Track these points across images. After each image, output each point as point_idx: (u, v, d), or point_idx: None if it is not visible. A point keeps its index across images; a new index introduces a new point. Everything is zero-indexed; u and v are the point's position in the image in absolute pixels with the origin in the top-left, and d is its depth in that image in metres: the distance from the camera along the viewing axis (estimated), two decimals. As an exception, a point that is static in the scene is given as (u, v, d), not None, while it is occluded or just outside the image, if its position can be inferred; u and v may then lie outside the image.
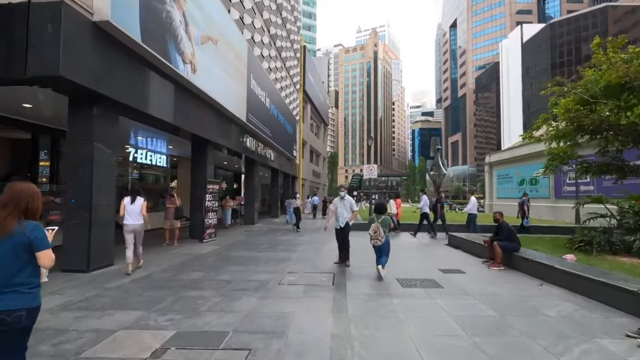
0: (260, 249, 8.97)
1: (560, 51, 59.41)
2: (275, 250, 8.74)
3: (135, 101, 6.95)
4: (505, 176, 26.98)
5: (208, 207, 10.49)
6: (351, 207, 6.97)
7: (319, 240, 10.87)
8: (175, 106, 8.65)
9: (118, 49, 6.39)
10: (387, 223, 5.87)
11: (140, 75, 7.15)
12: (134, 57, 6.89)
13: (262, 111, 16.02)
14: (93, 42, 5.79)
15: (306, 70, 31.72)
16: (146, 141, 12.77)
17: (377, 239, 5.75)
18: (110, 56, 6.21)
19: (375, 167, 15.05)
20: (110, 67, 6.24)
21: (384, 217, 5.94)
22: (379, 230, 5.73)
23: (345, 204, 6.98)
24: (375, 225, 5.80)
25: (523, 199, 12.35)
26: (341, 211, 6.96)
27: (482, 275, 6.09)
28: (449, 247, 9.63)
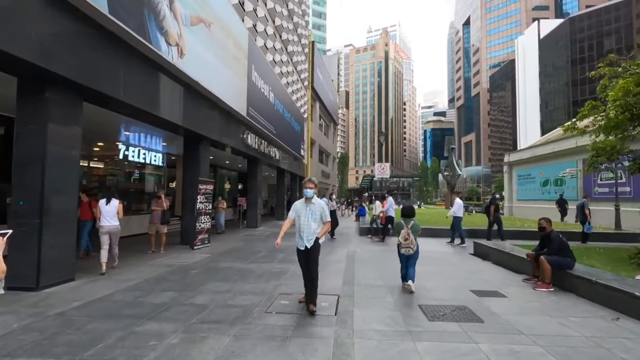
0: (256, 259, 7.77)
1: (580, 46, 56.80)
2: (272, 261, 7.52)
3: (104, 86, 5.83)
4: (527, 176, 25.28)
5: (200, 210, 9.36)
6: (322, 215, 4.30)
7: (324, 247, 9.60)
8: (159, 95, 7.54)
9: (81, 22, 5.28)
10: (417, 228, 5.22)
11: (112, 56, 6.03)
12: (104, 33, 5.78)
13: (265, 106, 14.88)
14: (43, 11, 4.69)
15: (315, 66, 30.54)
16: (138, 137, 11.74)
17: (409, 247, 5.11)
18: (68, 29, 5.10)
19: (387, 166, 13.74)
20: (70, 42, 5.13)
21: (413, 221, 5.26)
22: (410, 237, 5.10)
23: (314, 210, 4.28)
24: (405, 232, 5.14)
25: (583, 201, 10.63)
26: (306, 221, 4.25)
27: (530, 300, 4.74)
28: (476, 257, 8.27)
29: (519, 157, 26.26)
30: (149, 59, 7.03)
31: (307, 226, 4.23)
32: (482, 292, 5.08)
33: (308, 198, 4.27)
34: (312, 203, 4.28)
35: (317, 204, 4.30)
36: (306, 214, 4.26)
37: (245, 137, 13.05)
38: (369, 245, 10.36)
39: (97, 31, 5.64)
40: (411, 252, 5.13)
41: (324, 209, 4.31)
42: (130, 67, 6.53)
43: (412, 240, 5.10)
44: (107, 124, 9.16)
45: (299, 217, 4.30)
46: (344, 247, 9.76)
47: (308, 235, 4.22)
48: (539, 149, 23.78)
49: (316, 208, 4.27)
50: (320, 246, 4.37)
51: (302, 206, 4.32)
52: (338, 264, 7.18)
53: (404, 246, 5.15)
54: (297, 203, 4.41)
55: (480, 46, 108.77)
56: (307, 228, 4.22)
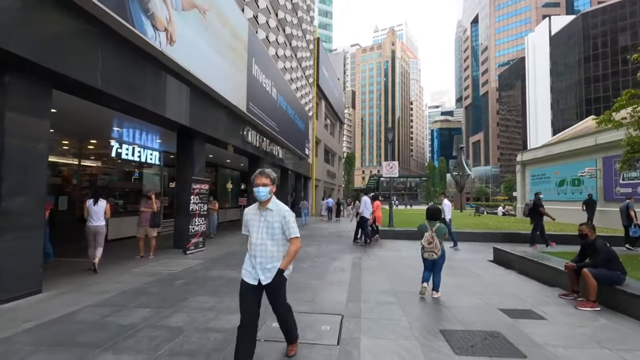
0: (252, 266, 7.02)
1: (594, 43, 55.22)
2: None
3: (78, 72, 5.14)
4: (541, 176, 24.20)
5: (194, 211, 8.64)
6: (286, 228, 2.76)
7: (328, 253, 8.85)
8: (145, 85, 6.84)
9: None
10: (443, 232, 4.85)
11: (88, 39, 5.33)
12: (80, 14, 5.11)
13: (267, 102, 14.16)
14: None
15: (320, 63, 29.77)
16: (132, 134, 11.10)
17: (433, 251, 4.78)
18: (30, 3, 4.42)
19: (395, 164, 12.90)
20: (33, 19, 4.45)
21: (438, 224, 4.91)
22: (435, 241, 4.77)
23: (271, 221, 2.76)
24: (430, 235, 4.81)
25: (627, 203, 9.59)
26: (259, 238, 2.74)
27: (576, 324, 3.90)
28: (496, 265, 7.42)
29: (532, 156, 25.17)
30: (133, 45, 6.33)
31: (261, 247, 2.69)
32: (514, 311, 4.25)
33: (261, 199, 2.74)
34: (269, 209, 2.74)
35: (276, 210, 2.74)
36: (259, 227, 2.73)
37: (245, 134, 12.34)
38: (377, 250, 9.56)
39: (68, 9, 4.94)
40: (435, 257, 4.79)
41: (286, 218, 2.72)
42: (111, 52, 5.83)
43: (436, 244, 4.76)
44: (98, 119, 8.50)
45: (250, 231, 2.79)
46: (350, 252, 8.98)
47: (263, 261, 2.68)
48: (554, 147, 22.71)
49: (274, 217, 2.72)
50: (285, 281, 2.81)
51: (254, 214, 2.78)
52: (342, 274, 6.39)
53: (427, 250, 4.83)
54: (247, 210, 2.86)
55: (489, 44, 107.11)
56: (262, 251, 2.69)
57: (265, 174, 2.75)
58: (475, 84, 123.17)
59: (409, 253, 9.00)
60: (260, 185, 2.71)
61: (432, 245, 4.78)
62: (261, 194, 2.71)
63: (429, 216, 5.04)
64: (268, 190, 2.72)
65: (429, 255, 4.84)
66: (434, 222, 4.93)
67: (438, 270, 4.91)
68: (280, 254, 2.74)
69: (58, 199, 10.15)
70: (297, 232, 2.77)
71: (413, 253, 9.00)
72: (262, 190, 2.70)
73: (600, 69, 54.08)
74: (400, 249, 9.64)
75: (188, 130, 8.92)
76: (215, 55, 9.31)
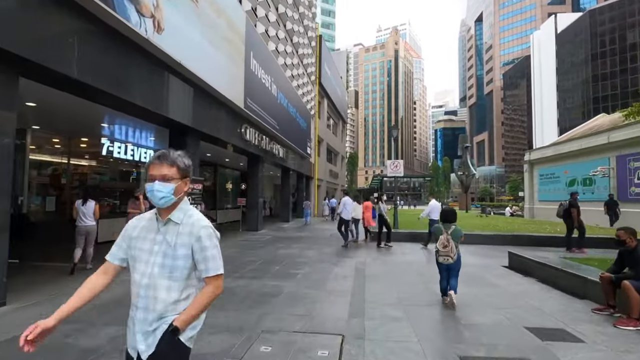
0: (245, 272, 6.45)
1: (601, 40, 54.24)
2: (263, 276, 6.19)
3: (50, 58, 4.61)
4: (550, 176, 23.48)
5: (186, 213, 8.10)
6: (199, 259, 1.41)
7: (329, 257, 8.26)
8: (131, 77, 6.30)
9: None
10: (459, 235, 4.63)
11: (61, 23, 4.80)
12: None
13: (266, 99, 13.61)
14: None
15: (322, 61, 29.21)
16: (125, 132, 10.59)
17: (449, 255, 4.52)
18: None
19: (400, 163, 12.30)
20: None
21: (454, 226, 4.68)
22: (451, 244, 4.52)
23: (173, 244, 1.41)
24: (445, 238, 4.57)
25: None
26: (149, 279, 1.40)
27: (620, 348, 3.27)
28: (512, 271, 6.81)
29: (541, 155, 24.45)
30: (117, 32, 5.79)
31: (147, 291, 1.41)
32: (543, 331, 3.65)
33: (161, 209, 1.46)
34: (172, 222, 1.45)
35: (186, 225, 1.44)
36: (150, 253, 1.44)
37: (243, 132, 11.80)
38: (382, 254, 8.97)
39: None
40: (451, 262, 4.51)
41: (202, 241, 1.42)
42: (89, 39, 5.28)
43: (452, 248, 4.50)
44: (85, 115, 8.00)
45: (133, 259, 1.48)
46: (352, 257, 8.39)
47: (148, 317, 1.39)
48: (564, 145, 21.99)
49: (180, 238, 1.43)
50: (186, 353, 1.44)
51: (145, 230, 1.49)
52: (344, 282, 5.81)
53: (442, 254, 4.57)
54: (134, 220, 1.57)
55: (493, 43, 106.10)
56: (148, 298, 1.40)
57: (168, 159, 1.44)
58: (480, 83, 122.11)
59: (415, 257, 8.41)
60: (157, 179, 1.41)
61: (447, 249, 4.51)
62: (158, 195, 1.40)
63: (444, 218, 4.82)
64: (172, 189, 1.41)
65: (444, 260, 4.55)
66: (449, 224, 4.69)
67: (454, 275, 4.60)
68: (180, 306, 1.42)
69: (45, 199, 9.67)
70: (219, 266, 1.45)
71: (420, 257, 8.40)
72: (160, 189, 1.40)
73: (609, 66, 53.11)
74: (406, 253, 9.04)
75: (180, 127, 8.38)
76: (209, 46, 8.76)
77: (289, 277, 6.09)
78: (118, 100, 6.13)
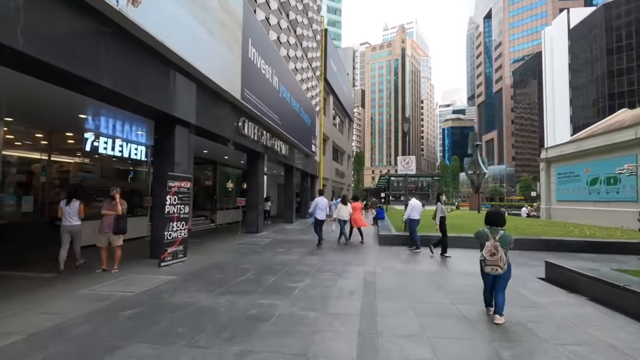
0: (234, 285, 5.46)
1: (617, 34, 52.34)
2: (254, 291, 5.18)
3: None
4: (569, 175, 22.18)
5: (171, 214, 7.15)
6: None
7: (333, 264, 7.23)
8: (101, 56, 5.35)
9: None
10: (508, 241, 3.97)
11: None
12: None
13: (267, 91, 12.64)
14: None
15: (328, 56, 28.19)
16: (112, 125, 9.70)
17: (497, 265, 3.88)
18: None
19: (412, 159, 11.23)
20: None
21: (502, 231, 4.01)
22: (500, 252, 3.86)
23: None
24: (492, 244, 3.92)
25: None
26: None
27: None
28: (551, 285, 5.72)
29: (559, 153, 23.15)
30: (82, 2, 4.85)
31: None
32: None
33: None
34: None
35: None
36: None
37: (240, 126, 10.82)
38: (395, 261, 7.92)
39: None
40: (500, 272, 3.90)
41: None
42: (41, 5, 4.35)
43: (501, 257, 3.86)
44: (60, 104, 7.09)
45: None
46: (361, 265, 7.36)
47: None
48: (585, 142, 20.68)
49: None
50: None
51: None
52: (350, 300, 4.78)
53: (489, 263, 3.94)
54: None
55: (503, 40, 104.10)
56: None
57: None
58: (489, 81, 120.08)
59: (432, 266, 7.34)
60: None
61: (495, 258, 3.88)
62: None
63: (490, 221, 4.14)
64: None
65: (492, 270, 3.95)
66: (496, 229, 4.04)
67: (501, 288, 3.98)
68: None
69: (22, 199, 8.80)
70: None
71: (437, 266, 7.33)
72: None
73: (625, 61, 51.22)
74: (421, 260, 7.98)
75: (165, 116, 7.43)
76: (200, 28, 7.79)
77: (285, 292, 5.09)
78: (82, 81, 5.19)
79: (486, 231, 4.06)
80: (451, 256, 8.20)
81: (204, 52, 7.94)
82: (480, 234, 4.11)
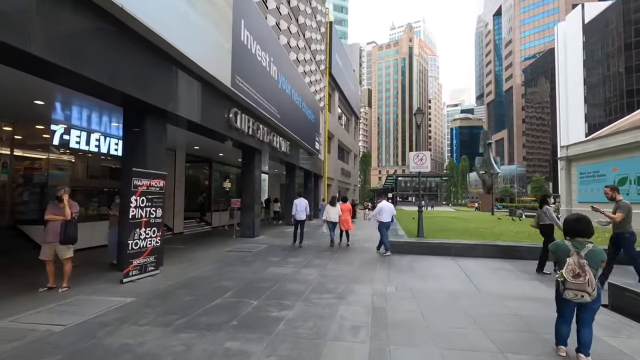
0: (201, 316, 4.16)
1: (636, 28, 50.08)
2: (223, 326, 3.86)
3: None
4: (593, 174, 20.54)
5: (137, 218, 5.89)
6: None
7: (334, 282, 5.89)
8: (54, 29, 4.13)
9: None
10: (600, 258, 2.90)
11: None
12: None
13: (263, 80, 11.39)
14: None
15: (333, 50, 26.85)
16: (87, 117, 8.52)
17: (584, 290, 2.80)
18: None
19: (427, 155, 9.87)
20: None
21: (591, 246, 2.90)
22: (587, 273, 2.79)
23: None
24: (576, 262, 2.84)
25: None
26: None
27: None
28: (619, 315, 4.34)
29: (582, 150, 21.48)
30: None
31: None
32: None
33: None
34: None
35: None
36: None
37: (232, 118, 9.56)
38: (409, 276, 6.56)
39: None
40: (587, 300, 2.86)
41: None
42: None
43: (589, 280, 2.80)
44: (17, 89, 5.91)
45: None
46: (368, 281, 6.01)
47: None
48: (612, 138, 19.03)
49: None
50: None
51: None
52: (354, 342, 3.46)
53: (572, 287, 2.87)
54: None
55: (513, 37, 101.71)
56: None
57: None
58: (498, 79, 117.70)
59: (457, 283, 5.97)
60: None
61: (581, 281, 2.84)
62: None
63: (573, 231, 3.06)
64: None
65: (575, 296, 2.92)
66: (581, 241, 2.99)
67: (588, 322, 3.04)
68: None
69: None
70: None
71: (462, 284, 5.94)
72: None
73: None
74: (442, 275, 6.60)
75: (136, 102, 6.18)
76: (182, 2, 6.55)
77: (265, 327, 3.78)
78: (29, 57, 3.97)
79: (568, 244, 3.02)
80: (550, 273, 6.60)
81: (182, 26, 6.66)
82: (559, 247, 3.07)
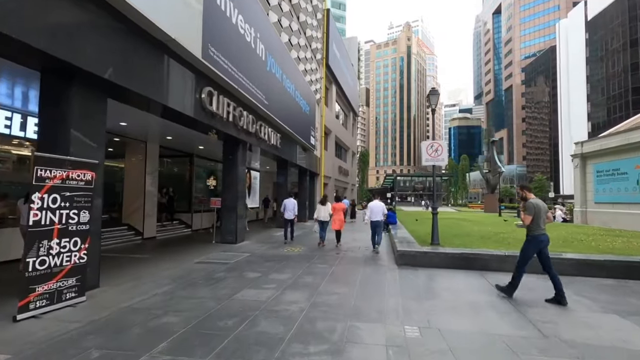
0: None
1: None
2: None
3: None
4: (613, 172, 18.87)
5: (44, 226, 4.09)
6: None
7: (328, 313, 4.11)
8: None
9: None
10: None
11: None
12: None
13: (246, 58, 9.60)
14: None
15: (330, 39, 25.07)
16: (19, 95, 6.72)
17: None
18: None
19: (443, 145, 8.12)
20: None
21: None
22: None
23: None
24: None
25: None
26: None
27: None
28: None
29: (599, 147, 19.82)
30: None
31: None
32: None
33: None
34: None
35: None
36: None
37: (205, 98, 7.76)
38: (435, 305, 4.77)
39: None
40: None
41: None
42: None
43: None
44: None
45: None
46: (376, 316, 4.21)
47: None
48: (634, 133, 17.38)
49: None
50: None
51: None
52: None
53: None
54: None
55: (513, 36, 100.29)
56: None
57: None
58: (498, 78, 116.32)
59: (506, 320, 4.19)
60: None
61: None
62: None
63: None
64: None
65: None
66: None
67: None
68: None
69: None
70: None
71: (516, 320, 4.14)
72: None
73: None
74: (479, 305, 4.79)
75: (60, 66, 4.39)
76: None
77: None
78: None
79: None
80: None
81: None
82: None
